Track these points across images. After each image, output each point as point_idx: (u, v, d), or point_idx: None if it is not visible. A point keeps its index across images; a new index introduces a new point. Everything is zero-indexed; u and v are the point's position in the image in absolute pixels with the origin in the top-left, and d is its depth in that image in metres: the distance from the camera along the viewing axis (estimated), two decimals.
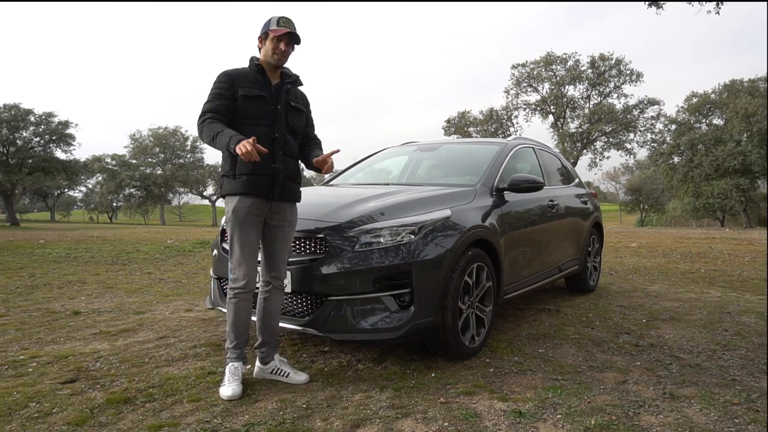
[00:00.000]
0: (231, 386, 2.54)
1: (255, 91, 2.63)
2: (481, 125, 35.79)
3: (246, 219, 2.61)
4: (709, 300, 5.01)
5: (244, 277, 2.63)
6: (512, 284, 3.70)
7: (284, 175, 2.68)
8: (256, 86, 2.65)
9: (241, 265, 2.63)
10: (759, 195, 31.79)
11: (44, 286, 5.70)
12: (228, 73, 2.67)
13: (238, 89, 2.63)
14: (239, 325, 2.69)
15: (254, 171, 2.60)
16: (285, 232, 2.72)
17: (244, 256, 2.62)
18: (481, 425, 2.23)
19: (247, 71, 2.69)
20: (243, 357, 2.70)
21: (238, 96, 2.62)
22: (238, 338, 2.69)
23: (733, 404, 2.46)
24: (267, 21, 2.68)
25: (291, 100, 2.74)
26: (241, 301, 2.66)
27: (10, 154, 30.73)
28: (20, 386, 2.61)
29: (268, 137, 2.63)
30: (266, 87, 2.67)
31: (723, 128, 28.86)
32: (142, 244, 10.41)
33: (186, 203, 70.50)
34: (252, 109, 2.63)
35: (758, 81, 28.48)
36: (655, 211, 48.20)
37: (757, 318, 4.22)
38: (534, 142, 4.98)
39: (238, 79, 2.64)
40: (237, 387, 2.54)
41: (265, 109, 2.65)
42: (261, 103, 2.64)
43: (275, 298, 2.74)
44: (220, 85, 2.64)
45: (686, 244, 11.30)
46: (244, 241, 2.62)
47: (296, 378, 2.72)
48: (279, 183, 2.66)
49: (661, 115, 32.33)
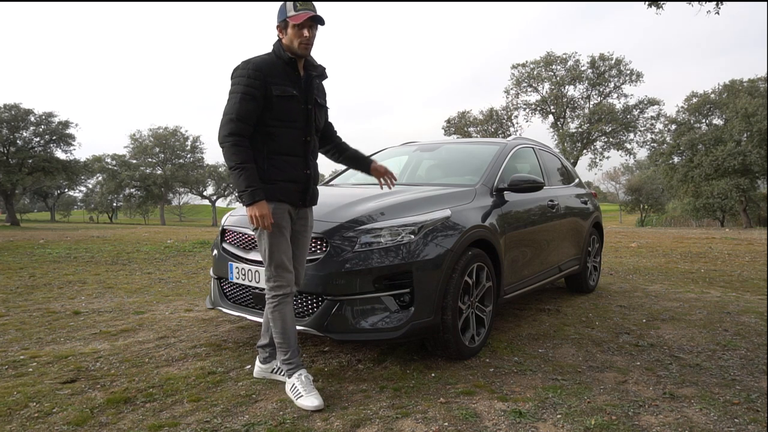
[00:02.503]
0: (311, 396, 2.41)
1: (289, 89, 2.40)
2: (481, 125, 35.78)
3: (283, 225, 2.48)
4: (709, 300, 5.01)
5: (289, 282, 2.52)
6: (512, 284, 3.70)
7: (314, 180, 2.60)
8: (289, 83, 2.41)
9: (285, 271, 2.50)
10: (759, 195, 31.77)
11: (44, 286, 5.70)
12: (258, 66, 2.36)
13: (271, 87, 2.36)
14: (289, 332, 2.55)
15: (289, 178, 2.47)
16: (306, 236, 2.66)
17: (286, 261, 2.49)
18: (481, 425, 2.23)
19: (275, 61, 2.41)
20: (302, 363, 2.59)
21: (273, 95, 2.36)
22: (291, 346, 2.55)
23: (733, 404, 2.46)
24: (282, 6, 2.40)
25: (318, 97, 2.56)
26: (287, 305, 2.54)
27: (10, 154, 30.73)
28: (20, 386, 2.61)
29: (302, 141, 2.49)
30: (297, 83, 2.45)
31: (723, 128, 28.84)
32: (142, 244, 10.41)
33: (186, 203, 70.53)
34: (286, 111, 2.41)
35: (758, 81, 28.45)
36: (655, 211, 48.19)
37: (757, 318, 4.22)
38: (534, 142, 4.98)
39: (269, 73, 2.36)
40: (317, 395, 2.44)
41: (297, 110, 2.44)
42: (295, 103, 2.43)
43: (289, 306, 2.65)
44: (250, 82, 2.33)
45: (686, 244, 11.31)
46: (284, 247, 2.49)
47: None
48: (311, 189, 2.57)
49: (661, 115, 32.34)
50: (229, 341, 3.48)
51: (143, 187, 47.22)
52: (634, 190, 48.47)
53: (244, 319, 3.29)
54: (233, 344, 3.41)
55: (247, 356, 3.14)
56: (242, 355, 3.17)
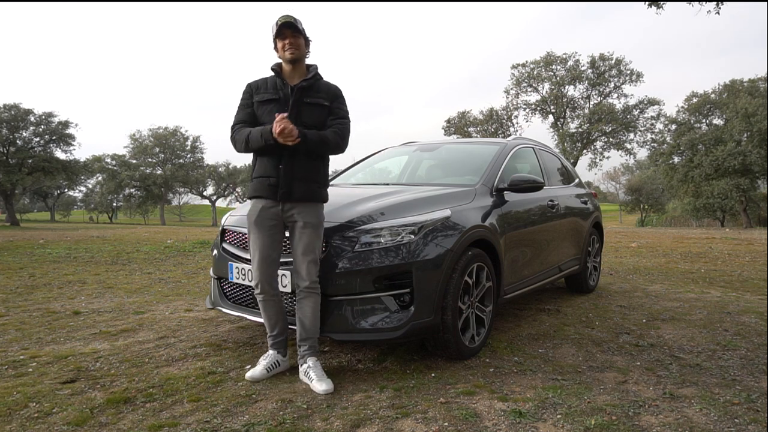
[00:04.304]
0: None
1: (268, 95, 2.72)
2: (481, 125, 35.78)
3: (257, 222, 2.69)
4: (709, 300, 5.01)
5: (256, 279, 2.72)
6: (512, 284, 3.70)
7: (291, 174, 2.66)
8: (273, 90, 2.73)
9: (253, 269, 2.74)
10: (759, 195, 31.76)
11: (44, 286, 5.70)
12: (249, 84, 2.83)
13: (255, 96, 2.76)
14: (268, 321, 2.82)
15: (262, 173, 2.69)
16: (303, 233, 2.67)
17: (254, 259, 2.72)
18: (481, 425, 2.23)
19: (269, 78, 2.80)
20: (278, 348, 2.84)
21: (255, 102, 2.75)
22: (270, 330, 2.83)
23: (733, 404, 2.46)
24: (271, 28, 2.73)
25: (306, 96, 2.71)
26: (263, 302, 2.77)
27: (10, 154, 30.73)
28: (20, 386, 2.61)
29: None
30: (282, 89, 2.72)
31: (723, 128, 28.83)
32: (142, 244, 10.40)
33: (186, 203, 70.56)
34: (264, 113, 2.71)
35: (758, 81, 28.44)
36: (655, 211, 48.18)
37: (757, 318, 4.22)
38: (534, 142, 4.98)
39: (256, 88, 2.79)
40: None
41: (275, 111, 2.65)
42: (273, 106, 2.69)
43: (302, 303, 2.69)
44: (243, 97, 2.82)
45: (686, 244, 11.30)
46: (255, 245, 2.71)
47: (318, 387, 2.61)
48: (285, 182, 2.65)
49: (661, 115, 32.34)
50: (229, 341, 3.48)
51: (143, 187, 47.21)
52: (634, 190, 48.47)
53: (244, 319, 3.29)
54: (233, 344, 3.41)
55: (247, 356, 3.14)
56: (242, 355, 3.17)
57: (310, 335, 2.73)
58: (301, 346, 2.75)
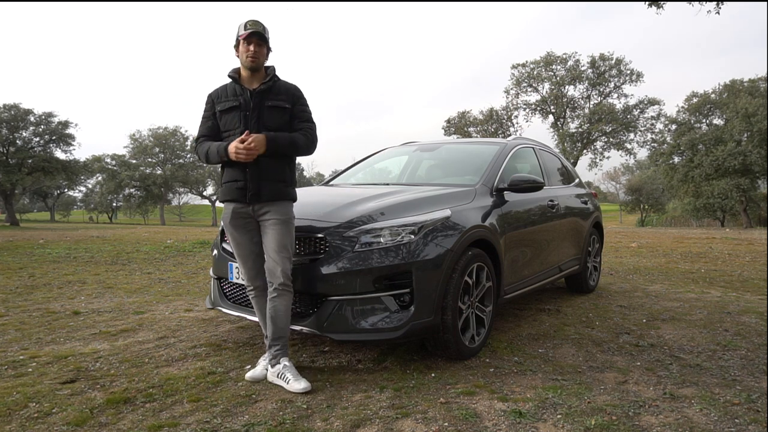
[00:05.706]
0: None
1: (229, 103, 2.75)
2: (481, 125, 35.77)
3: (231, 224, 2.78)
4: (709, 300, 5.01)
5: (245, 276, 2.85)
6: (512, 284, 3.70)
7: (258, 176, 2.68)
8: (233, 97, 2.75)
9: (240, 267, 2.87)
10: (759, 195, 31.75)
11: (44, 286, 5.69)
12: (210, 95, 2.85)
13: (216, 106, 2.79)
14: (262, 319, 2.85)
15: (230, 178, 2.74)
16: (273, 230, 2.69)
17: (238, 258, 2.83)
18: (481, 425, 2.23)
19: (228, 85, 2.81)
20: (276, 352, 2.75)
21: (217, 112, 2.78)
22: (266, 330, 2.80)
23: (733, 404, 2.46)
24: (237, 27, 2.73)
25: (267, 100, 2.73)
26: (254, 298, 2.87)
27: (10, 154, 30.73)
28: (20, 386, 2.61)
29: None
30: (242, 95, 2.73)
31: (723, 128, 28.82)
32: (142, 244, 10.40)
33: (186, 203, 70.53)
34: (227, 121, 2.75)
35: (758, 81, 28.43)
36: (655, 211, 48.17)
37: (757, 318, 4.22)
38: (534, 142, 4.98)
39: (217, 97, 2.81)
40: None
41: (237, 117, 2.71)
42: (235, 112, 2.73)
43: (275, 302, 2.69)
44: (205, 108, 2.85)
45: (686, 244, 11.30)
46: (235, 243, 2.81)
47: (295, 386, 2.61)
48: (252, 185, 2.68)
49: (661, 115, 32.33)
50: (229, 341, 3.47)
51: (143, 187, 47.22)
52: (635, 190, 48.46)
53: (244, 319, 3.29)
54: (233, 344, 3.41)
55: (247, 356, 3.14)
56: (242, 355, 3.17)
57: (282, 334, 2.72)
58: (273, 346, 2.72)
